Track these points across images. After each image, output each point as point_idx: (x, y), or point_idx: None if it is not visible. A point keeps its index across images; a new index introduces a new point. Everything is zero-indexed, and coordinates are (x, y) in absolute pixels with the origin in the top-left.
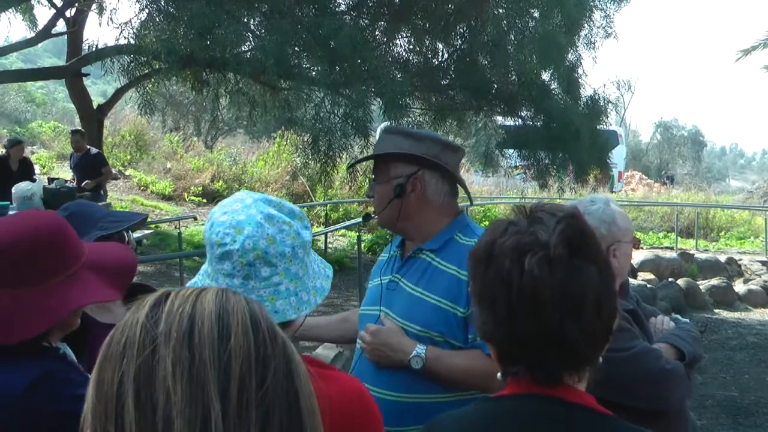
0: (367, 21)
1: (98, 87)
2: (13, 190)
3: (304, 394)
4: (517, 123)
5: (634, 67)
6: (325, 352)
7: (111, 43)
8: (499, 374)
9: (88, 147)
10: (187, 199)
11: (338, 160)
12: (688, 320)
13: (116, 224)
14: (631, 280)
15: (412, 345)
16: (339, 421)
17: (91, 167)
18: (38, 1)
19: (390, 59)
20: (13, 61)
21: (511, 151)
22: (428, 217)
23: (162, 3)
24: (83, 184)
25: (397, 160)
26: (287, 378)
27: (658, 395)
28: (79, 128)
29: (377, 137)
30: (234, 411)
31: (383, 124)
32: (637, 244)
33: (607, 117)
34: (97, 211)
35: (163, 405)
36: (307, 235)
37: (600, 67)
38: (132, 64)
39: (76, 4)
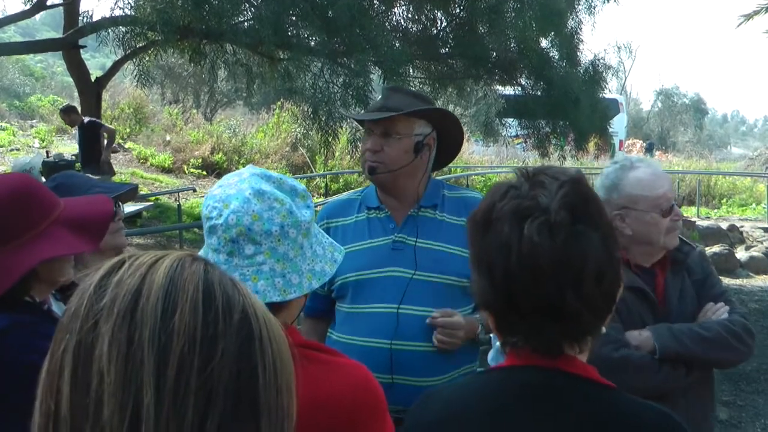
0: None
1: (97, 60)
2: (12, 163)
3: (268, 372)
4: (517, 92)
5: (634, 35)
6: None
7: (107, 14)
8: (498, 344)
9: (83, 118)
10: (186, 172)
11: (339, 129)
12: (741, 318)
13: (104, 195)
14: None
15: (472, 322)
16: (345, 411)
17: (91, 135)
18: None
19: (389, 28)
20: (11, 35)
21: (511, 120)
22: (424, 176)
23: None
24: (102, 158)
25: (420, 117)
26: (241, 358)
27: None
28: (68, 104)
29: (382, 95)
30: (170, 396)
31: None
32: (666, 214)
33: (608, 82)
34: (84, 182)
35: (96, 387)
36: (306, 214)
37: (600, 35)
38: (128, 36)
39: None
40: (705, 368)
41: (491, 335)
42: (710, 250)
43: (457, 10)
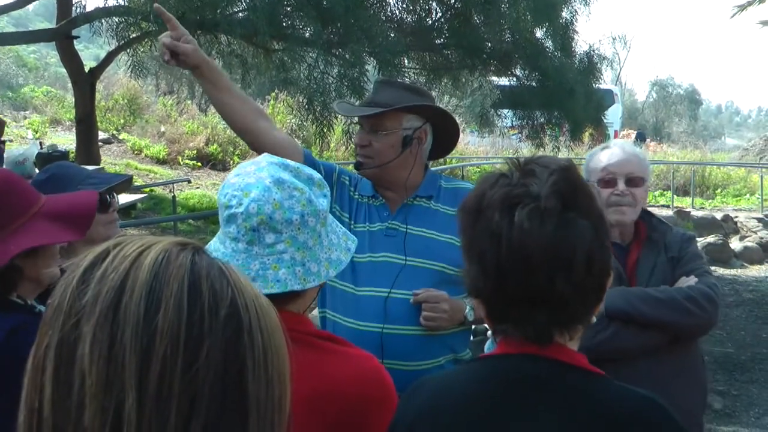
0: None
1: (91, 51)
2: (5, 154)
3: (257, 364)
4: (512, 82)
5: (629, 26)
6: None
7: (101, 4)
8: (489, 333)
9: None
10: (181, 163)
11: (334, 120)
12: (705, 287)
13: (98, 186)
14: None
15: (459, 302)
16: (353, 401)
17: None
18: None
19: (383, 19)
20: (4, 25)
21: (506, 111)
22: (416, 169)
23: None
24: None
25: (409, 112)
26: (228, 355)
27: None
28: None
29: (373, 88)
30: (152, 399)
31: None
32: (605, 186)
33: (602, 73)
34: (78, 173)
35: (78, 388)
36: (323, 203)
37: (595, 25)
38: (121, 26)
39: None
40: (666, 332)
41: (487, 326)
42: (704, 240)
43: (452, 1)
